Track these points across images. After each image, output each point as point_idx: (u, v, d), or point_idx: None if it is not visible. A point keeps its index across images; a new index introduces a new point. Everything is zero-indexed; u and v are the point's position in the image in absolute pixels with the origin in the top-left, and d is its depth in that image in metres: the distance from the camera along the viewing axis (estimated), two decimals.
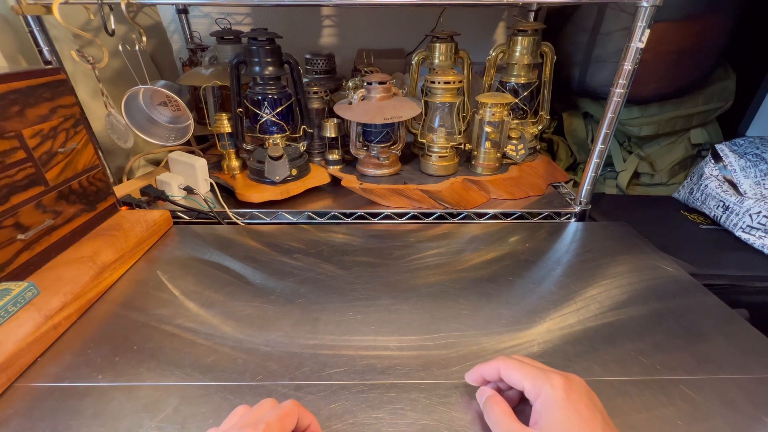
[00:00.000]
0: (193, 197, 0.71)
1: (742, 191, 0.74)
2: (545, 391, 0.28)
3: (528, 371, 0.30)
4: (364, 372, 0.38)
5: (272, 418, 0.26)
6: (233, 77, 0.68)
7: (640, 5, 0.55)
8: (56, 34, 0.63)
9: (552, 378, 0.29)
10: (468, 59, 0.80)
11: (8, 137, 0.43)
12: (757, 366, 0.38)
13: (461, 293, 0.49)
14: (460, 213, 0.70)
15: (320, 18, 1.12)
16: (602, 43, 0.87)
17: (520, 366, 0.31)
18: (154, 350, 0.40)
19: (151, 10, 0.96)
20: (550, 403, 0.27)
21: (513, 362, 0.31)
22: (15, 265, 0.44)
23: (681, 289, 0.50)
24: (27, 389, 0.36)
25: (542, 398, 0.28)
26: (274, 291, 0.49)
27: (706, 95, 0.92)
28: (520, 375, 0.30)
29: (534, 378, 0.29)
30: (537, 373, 0.29)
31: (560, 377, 0.29)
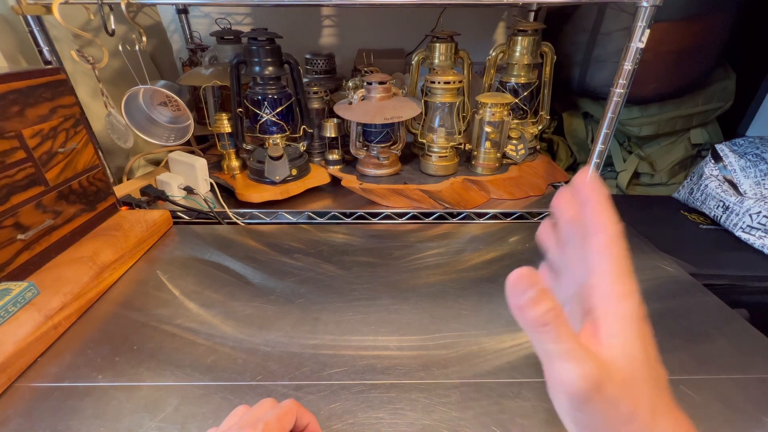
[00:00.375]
0: (193, 197, 0.71)
1: (742, 191, 0.74)
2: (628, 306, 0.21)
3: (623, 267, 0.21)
4: (364, 372, 0.38)
5: (271, 417, 0.26)
6: (233, 77, 0.68)
7: (640, 5, 0.55)
8: (56, 34, 0.63)
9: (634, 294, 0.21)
10: (468, 59, 0.80)
11: (8, 137, 0.43)
12: (757, 366, 0.38)
13: (461, 293, 0.49)
14: (460, 213, 0.70)
15: (320, 18, 1.12)
16: (602, 43, 0.87)
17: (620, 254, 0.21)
18: (154, 350, 0.40)
19: (151, 10, 0.96)
20: (629, 325, 0.20)
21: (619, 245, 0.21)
22: (15, 265, 0.44)
23: (681, 289, 0.50)
24: (27, 389, 0.36)
25: (621, 314, 0.20)
26: (274, 291, 0.49)
27: (706, 95, 0.92)
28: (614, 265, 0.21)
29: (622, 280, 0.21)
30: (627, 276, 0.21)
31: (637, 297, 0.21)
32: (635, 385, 0.20)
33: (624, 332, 0.20)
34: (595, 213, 0.22)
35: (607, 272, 0.21)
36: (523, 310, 0.19)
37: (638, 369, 0.20)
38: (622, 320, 0.20)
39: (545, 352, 0.20)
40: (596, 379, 0.19)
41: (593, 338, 0.20)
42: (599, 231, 0.21)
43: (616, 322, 0.20)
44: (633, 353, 0.20)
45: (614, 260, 0.21)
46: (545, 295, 0.19)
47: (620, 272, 0.21)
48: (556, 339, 0.19)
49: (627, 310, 0.20)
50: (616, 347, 0.20)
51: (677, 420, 0.20)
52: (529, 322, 0.20)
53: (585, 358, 0.19)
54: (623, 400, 0.19)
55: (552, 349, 0.19)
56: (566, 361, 0.19)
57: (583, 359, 0.19)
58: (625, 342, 0.20)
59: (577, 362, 0.19)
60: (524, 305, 0.19)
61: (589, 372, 0.19)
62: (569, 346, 0.19)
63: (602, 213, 0.22)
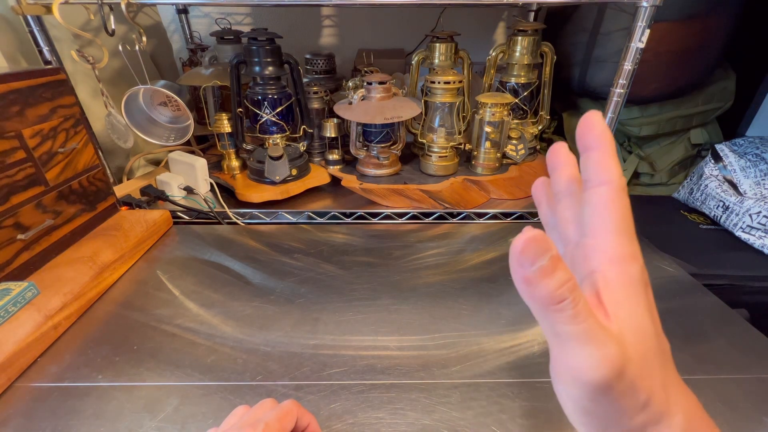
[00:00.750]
0: (193, 197, 0.71)
1: (742, 191, 0.74)
2: (634, 271, 0.18)
3: (628, 225, 0.18)
4: (364, 372, 0.38)
5: (271, 418, 0.26)
6: (233, 77, 0.68)
7: (640, 5, 0.55)
8: (56, 34, 0.63)
9: (638, 256, 0.18)
10: (468, 59, 0.80)
11: (8, 137, 0.43)
12: (757, 366, 0.38)
13: (461, 293, 0.49)
14: (460, 213, 0.70)
15: (320, 18, 1.12)
16: (602, 43, 0.87)
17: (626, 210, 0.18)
18: (154, 350, 0.40)
19: (151, 10, 0.96)
20: (636, 293, 0.18)
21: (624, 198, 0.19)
22: (15, 265, 0.44)
23: (681, 289, 0.50)
24: (27, 389, 0.36)
25: (627, 282, 0.18)
26: (274, 291, 0.49)
27: (706, 95, 0.92)
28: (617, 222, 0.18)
29: (627, 241, 0.18)
30: (633, 236, 0.18)
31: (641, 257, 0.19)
32: (649, 363, 0.17)
33: (629, 300, 0.17)
34: (599, 162, 0.18)
35: (610, 230, 0.18)
36: (532, 283, 0.15)
37: (649, 343, 0.17)
38: (626, 285, 0.17)
39: (557, 333, 0.16)
40: (619, 363, 0.16)
41: (598, 308, 0.17)
42: (602, 183, 0.18)
43: (619, 287, 0.17)
44: (642, 324, 0.17)
45: (618, 217, 0.18)
46: (559, 263, 0.15)
47: (624, 230, 0.18)
48: (572, 319, 0.15)
49: (630, 273, 0.18)
50: (624, 319, 0.17)
51: (685, 393, 0.19)
52: (540, 298, 0.16)
53: (606, 339, 0.16)
54: (640, 384, 0.16)
55: (567, 330, 0.16)
56: (585, 344, 0.16)
57: (604, 341, 0.16)
58: (632, 312, 0.17)
59: (598, 345, 0.16)
60: (534, 277, 0.15)
61: (612, 356, 0.16)
62: (588, 326, 0.16)
63: (607, 163, 0.18)
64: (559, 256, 0.15)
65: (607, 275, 0.18)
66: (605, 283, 0.17)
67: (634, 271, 0.18)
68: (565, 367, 0.17)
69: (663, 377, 0.18)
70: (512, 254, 0.15)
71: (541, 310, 0.16)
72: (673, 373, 0.19)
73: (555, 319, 0.16)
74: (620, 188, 0.18)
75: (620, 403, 0.16)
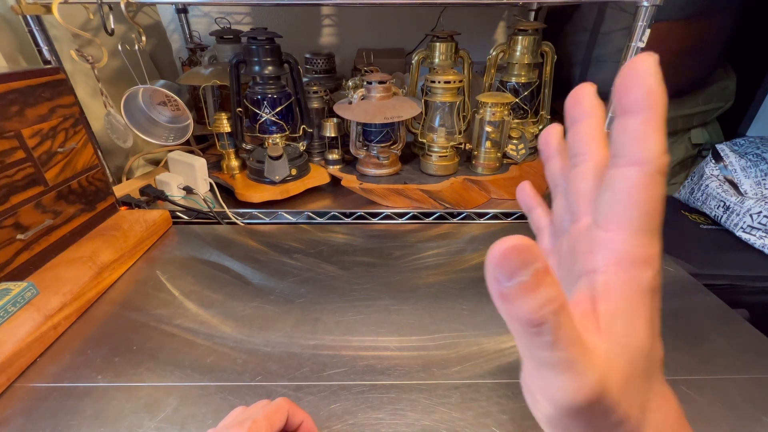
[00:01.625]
0: (193, 197, 0.71)
1: (743, 191, 0.74)
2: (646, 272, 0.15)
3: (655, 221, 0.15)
4: (364, 372, 0.38)
5: (259, 415, 0.26)
6: (233, 77, 0.68)
7: (640, 5, 0.54)
8: (56, 33, 0.63)
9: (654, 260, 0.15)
10: (468, 59, 0.80)
11: (8, 137, 0.43)
12: (757, 366, 0.38)
13: (461, 293, 0.49)
14: (461, 213, 0.70)
15: (320, 18, 1.11)
16: (602, 43, 0.87)
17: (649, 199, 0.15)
18: (153, 350, 0.40)
19: (151, 10, 0.96)
20: (633, 308, 0.15)
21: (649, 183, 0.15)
22: (15, 265, 0.44)
23: (681, 289, 0.50)
24: (27, 389, 0.36)
25: (636, 281, 0.15)
26: (274, 291, 0.49)
27: (706, 95, 0.92)
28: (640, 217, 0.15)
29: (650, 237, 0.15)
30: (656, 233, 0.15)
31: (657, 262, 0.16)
32: (632, 386, 0.15)
33: (629, 313, 0.15)
34: (636, 133, 0.14)
35: (628, 226, 0.15)
36: (509, 300, 0.13)
37: (639, 364, 0.15)
38: (630, 296, 0.15)
39: (532, 356, 0.14)
40: (594, 394, 0.14)
41: (589, 318, 0.15)
42: (633, 163, 0.14)
43: (622, 297, 0.15)
44: (636, 343, 0.15)
45: (642, 210, 0.14)
46: (544, 279, 0.13)
47: (645, 228, 0.15)
48: (550, 345, 0.13)
49: (639, 281, 0.15)
50: (616, 335, 0.15)
51: (666, 405, 0.17)
52: (517, 318, 0.13)
53: (583, 369, 0.14)
54: (617, 407, 0.15)
55: (542, 356, 0.14)
56: (560, 372, 0.14)
57: (581, 372, 0.14)
58: (628, 328, 0.15)
59: (575, 376, 0.14)
60: (511, 294, 0.13)
61: (587, 388, 0.14)
62: (566, 355, 0.14)
63: (647, 135, 0.14)
64: (547, 268, 0.13)
65: (610, 280, 0.15)
66: (606, 289, 0.15)
67: (645, 279, 0.15)
68: (537, 389, 0.15)
69: (645, 395, 0.16)
70: (488, 264, 0.13)
71: (516, 330, 0.14)
72: (658, 384, 0.17)
73: (531, 341, 0.14)
74: (656, 172, 0.14)
75: (591, 423, 0.15)
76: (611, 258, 0.15)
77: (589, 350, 0.14)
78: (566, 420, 0.15)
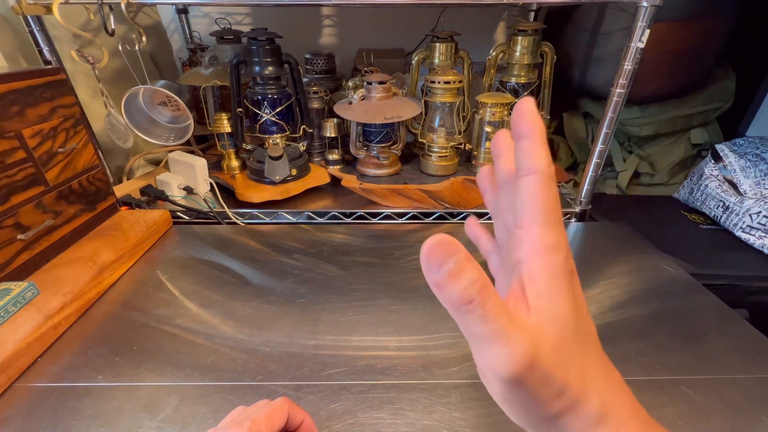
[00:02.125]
0: (193, 197, 0.71)
1: (742, 191, 0.74)
2: (556, 261, 0.18)
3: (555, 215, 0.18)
4: (364, 372, 0.38)
5: (259, 415, 0.26)
6: (233, 77, 0.68)
7: (640, 5, 0.55)
8: (56, 34, 0.63)
9: (563, 245, 0.19)
10: (468, 59, 0.80)
11: (8, 137, 0.43)
12: (757, 366, 0.38)
13: None
14: (461, 213, 0.70)
15: (320, 18, 1.11)
16: (602, 43, 0.87)
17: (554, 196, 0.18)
18: (154, 350, 0.40)
19: (151, 10, 0.96)
20: (557, 282, 0.18)
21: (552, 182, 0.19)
22: (15, 265, 0.44)
23: (681, 289, 0.50)
24: (27, 389, 0.36)
25: (548, 271, 0.18)
26: (274, 291, 0.49)
27: (706, 95, 0.92)
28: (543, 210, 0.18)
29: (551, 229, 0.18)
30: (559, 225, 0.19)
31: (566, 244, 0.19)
32: (565, 352, 0.18)
33: (551, 290, 0.18)
34: (528, 151, 0.18)
35: (536, 221, 0.18)
36: (441, 287, 0.16)
37: (567, 332, 0.18)
38: (549, 276, 0.18)
39: (470, 334, 0.17)
40: (528, 359, 0.16)
41: (520, 301, 0.18)
42: (530, 172, 0.18)
43: (543, 278, 0.18)
44: (561, 314, 0.18)
45: (543, 207, 0.18)
46: (466, 264, 0.16)
47: (550, 221, 0.18)
48: (481, 319, 0.16)
49: (554, 263, 0.18)
50: (543, 310, 0.17)
51: (606, 375, 0.19)
52: (450, 301, 0.17)
53: (515, 337, 0.16)
54: (554, 373, 0.17)
55: (478, 330, 0.17)
56: (494, 343, 0.16)
57: (512, 339, 0.16)
58: (552, 302, 0.18)
59: (507, 343, 0.16)
60: (442, 281, 0.16)
61: (519, 352, 0.16)
62: (497, 326, 0.16)
63: (535, 151, 0.18)
64: (469, 256, 0.16)
65: (531, 266, 0.18)
66: (529, 274, 0.18)
67: (558, 261, 0.18)
68: (482, 364, 0.18)
69: (581, 363, 0.18)
70: (421, 260, 0.16)
71: (454, 312, 0.17)
72: (595, 355, 0.19)
73: (466, 320, 0.17)
74: (547, 177, 0.18)
75: (535, 392, 0.17)
76: (530, 248, 0.18)
77: (518, 322, 0.17)
78: (514, 392, 0.18)
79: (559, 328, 0.18)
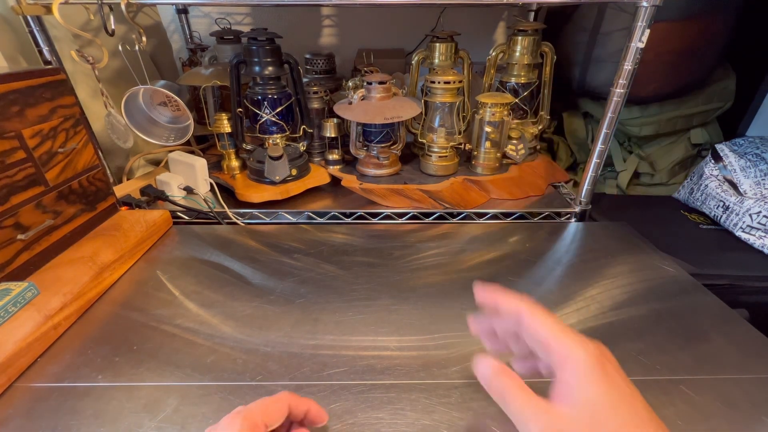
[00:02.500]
0: (193, 197, 0.71)
1: (742, 191, 0.74)
2: (578, 356, 0.22)
3: (557, 327, 0.24)
4: (364, 372, 0.38)
5: (253, 406, 0.26)
6: (233, 77, 0.68)
7: (640, 5, 0.55)
8: (56, 34, 0.63)
9: (584, 342, 0.23)
10: (468, 59, 0.80)
11: (8, 137, 0.43)
12: (757, 366, 0.38)
13: (461, 293, 0.49)
14: (460, 213, 0.70)
15: (320, 18, 1.11)
16: (602, 43, 0.87)
17: (546, 318, 0.25)
18: (154, 350, 0.40)
19: (151, 10, 0.96)
20: (585, 373, 0.22)
21: (540, 311, 0.25)
22: (15, 265, 0.44)
23: (681, 289, 0.50)
24: (27, 389, 0.36)
25: (573, 366, 0.22)
26: (274, 291, 0.49)
27: (706, 95, 0.92)
28: (547, 330, 0.24)
29: (563, 337, 0.23)
30: (567, 331, 0.24)
31: (592, 343, 0.23)
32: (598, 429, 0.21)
33: (579, 380, 0.22)
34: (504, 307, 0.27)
35: (548, 337, 0.24)
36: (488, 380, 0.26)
37: (602, 412, 0.21)
38: (577, 371, 0.22)
39: (511, 414, 0.24)
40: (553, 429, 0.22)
41: (554, 399, 0.23)
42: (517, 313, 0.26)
43: (573, 375, 0.22)
44: (592, 398, 0.22)
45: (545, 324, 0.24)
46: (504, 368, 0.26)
47: (558, 330, 0.24)
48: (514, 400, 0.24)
49: (581, 358, 0.22)
50: (570, 397, 0.22)
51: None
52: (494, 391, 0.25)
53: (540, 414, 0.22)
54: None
55: (514, 408, 0.23)
56: (528, 420, 0.22)
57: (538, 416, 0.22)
58: (580, 390, 0.22)
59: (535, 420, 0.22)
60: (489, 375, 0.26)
61: (544, 425, 0.22)
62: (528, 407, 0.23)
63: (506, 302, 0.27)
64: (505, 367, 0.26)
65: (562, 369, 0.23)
66: (561, 374, 0.23)
67: (579, 360, 0.23)
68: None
69: None
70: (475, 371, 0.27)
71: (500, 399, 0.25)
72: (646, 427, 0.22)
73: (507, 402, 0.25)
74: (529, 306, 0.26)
75: None
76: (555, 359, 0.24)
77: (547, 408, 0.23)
78: None
79: (589, 410, 0.22)
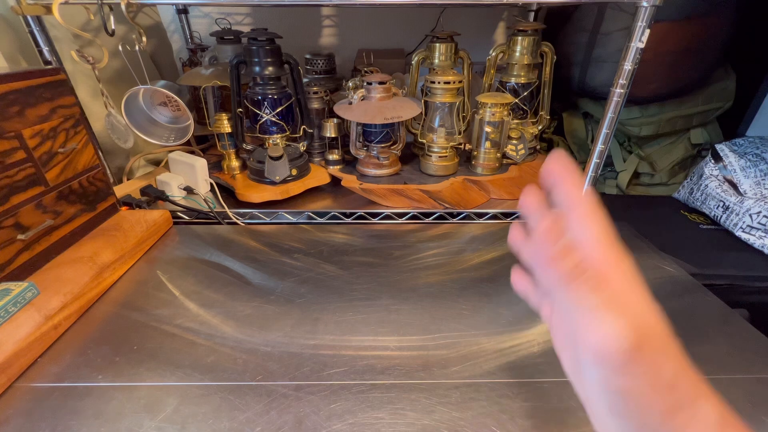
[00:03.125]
0: (193, 197, 0.71)
1: (742, 191, 0.74)
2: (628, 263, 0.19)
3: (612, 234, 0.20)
4: (364, 372, 0.38)
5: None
6: (233, 77, 0.68)
7: (640, 5, 0.55)
8: (56, 34, 0.63)
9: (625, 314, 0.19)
10: (468, 59, 0.80)
11: (8, 137, 0.43)
12: (757, 366, 0.38)
13: (461, 293, 0.49)
14: (460, 213, 0.70)
15: (320, 18, 1.11)
16: (602, 43, 0.87)
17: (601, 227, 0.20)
18: (154, 350, 0.40)
19: (151, 10, 0.96)
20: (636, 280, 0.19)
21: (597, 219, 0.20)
22: (15, 265, 0.44)
23: (681, 289, 0.50)
24: (27, 389, 0.36)
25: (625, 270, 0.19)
26: (274, 291, 0.49)
27: (706, 95, 0.92)
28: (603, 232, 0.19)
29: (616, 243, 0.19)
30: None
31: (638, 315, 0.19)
32: (667, 342, 0.17)
33: (636, 289, 0.18)
34: (569, 191, 0.21)
35: (599, 240, 0.19)
36: (557, 260, 0.19)
37: (665, 328, 0.18)
38: (630, 279, 0.19)
39: (577, 309, 0.18)
40: (639, 333, 0.16)
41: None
42: (578, 205, 0.20)
43: (626, 280, 0.19)
44: (653, 308, 0.18)
45: (602, 227, 0.20)
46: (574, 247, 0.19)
47: (611, 239, 0.20)
48: (595, 288, 0.17)
49: (630, 271, 0.19)
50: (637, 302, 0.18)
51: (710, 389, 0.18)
52: (566, 272, 0.19)
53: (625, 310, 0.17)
54: (664, 361, 0.17)
55: (591, 302, 0.17)
56: (605, 313, 0.17)
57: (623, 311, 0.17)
58: (642, 297, 0.18)
59: (619, 314, 0.17)
60: (558, 254, 0.19)
61: (632, 323, 0.17)
62: (609, 295, 0.17)
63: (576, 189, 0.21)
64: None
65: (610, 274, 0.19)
66: (611, 279, 0.19)
67: (630, 270, 0.19)
68: (587, 347, 0.18)
69: (686, 365, 0.18)
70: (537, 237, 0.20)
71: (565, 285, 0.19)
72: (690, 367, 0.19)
73: (578, 291, 0.18)
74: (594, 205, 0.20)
75: (646, 379, 0.17)
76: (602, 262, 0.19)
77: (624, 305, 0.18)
78: (622, 378, 0.17)
79: (658, 320, 0.18)
